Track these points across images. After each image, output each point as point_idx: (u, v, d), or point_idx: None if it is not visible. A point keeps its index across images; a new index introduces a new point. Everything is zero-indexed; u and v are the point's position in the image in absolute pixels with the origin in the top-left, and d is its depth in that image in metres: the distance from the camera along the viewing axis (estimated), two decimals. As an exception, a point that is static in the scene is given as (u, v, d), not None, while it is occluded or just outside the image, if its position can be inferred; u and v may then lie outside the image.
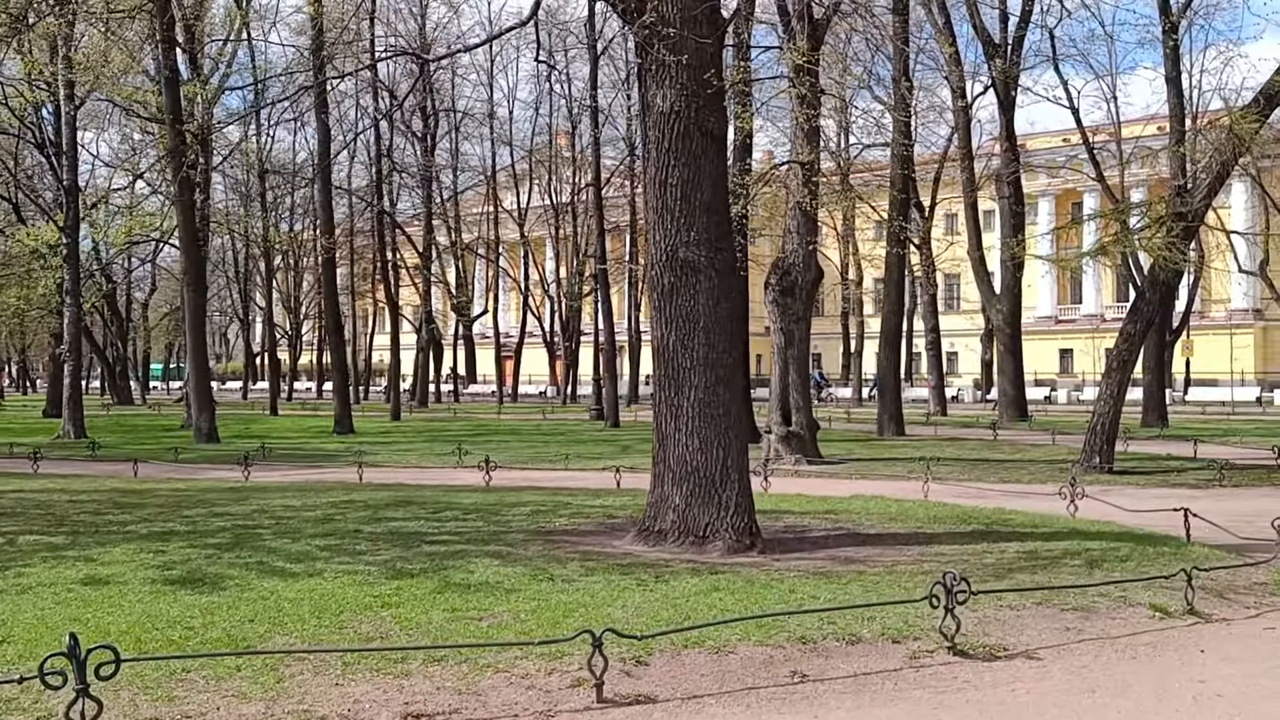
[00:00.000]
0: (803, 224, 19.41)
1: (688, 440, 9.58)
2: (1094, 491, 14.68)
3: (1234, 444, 22.98)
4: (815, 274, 19.86)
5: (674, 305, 9.65)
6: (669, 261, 9.64)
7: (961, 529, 10.60)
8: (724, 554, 9.19)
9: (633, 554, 9.11)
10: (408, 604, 6.98)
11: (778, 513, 11.82)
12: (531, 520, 11.31)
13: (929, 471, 16.39)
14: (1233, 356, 58.03)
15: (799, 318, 19.73)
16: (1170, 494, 14.59)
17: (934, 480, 15.85)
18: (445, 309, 65.29)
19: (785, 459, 19.39)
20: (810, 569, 8.41)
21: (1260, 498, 14.04)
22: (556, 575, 7.92)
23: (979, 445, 23.16)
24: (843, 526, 10.79)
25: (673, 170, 9.60)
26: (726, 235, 9.80)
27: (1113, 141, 48.19)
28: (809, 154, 19.07)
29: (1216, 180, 17.09)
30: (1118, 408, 17.60)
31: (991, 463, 19.08)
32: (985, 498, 13.70)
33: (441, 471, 18.69)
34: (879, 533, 10.40)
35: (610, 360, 33.71)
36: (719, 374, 9.62)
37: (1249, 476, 16.36)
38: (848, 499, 13.22)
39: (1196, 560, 8.67)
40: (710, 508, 9.48)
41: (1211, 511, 12.43)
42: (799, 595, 7.20)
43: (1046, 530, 10.51)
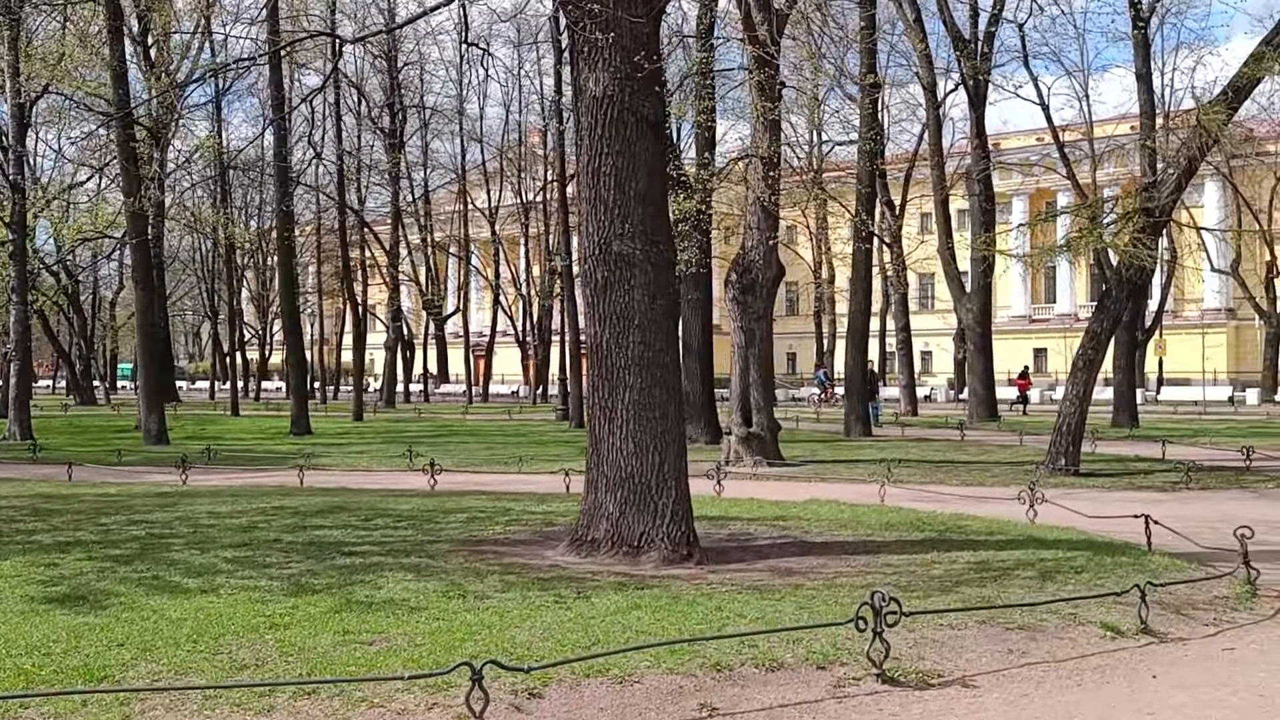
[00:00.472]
0: (763, 220, 18.89)
1: (622, 444, 9.04)
2: (1058, 495, 14.28)
3: (1203, 445, 22.62)
4: (776, 271, 19.35)
5: (607, 301, 9.10)
6: (602, 255, 9.09)
7: (913, 537, 10.09)
8: (658, 565, 8.66)
9: (561, 566, 8.56)
10: (298, 625, 6.40)
11: (725, 519, 11.31)
12: (465, 529, 10.75)
13: (889, 474, 15.94)
14: (1204, 356, 57.95)
15: (760, 316, 19.22)
16: (1136, 497, 14.16)
17: (894, 484, 15.39)
18: (419, 308, 64.57)
19: (745, 461, 18.88)
20: (745, 582, 7.88)
21: (1227, 501, 13.62)
22: (470, 591, 7.36)
23: (945, 446, 22.71)
24: (789, 534, 10.27)
25: (606, 158, 9.06)
26: (663, 228, 9.26)
27: (1085, 140, 48.10)
28: (769, 148, 18.55)
29: (1184, 175, 16.68)
30: (1084, 408, 17.17)
31: (955, 464, 18.63)
32: (944, 502, 13.22)
33: (390, 475, 18.09)
34: (826, 541, 9.89)
35: (575, 360, 33.08)
36: (655, 374, 9.08)
37: (1217, 479, 15.95)
38: (801, 504, 12.72)
39: (1155, 571, 8.21)
40: (645, 516, 8.94)
41: (1176, 517, 12.01)
42: (725, 613, 6.66)
43: (1002, 538, 10.02)
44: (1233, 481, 15.72)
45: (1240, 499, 13.91)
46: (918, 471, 17.30)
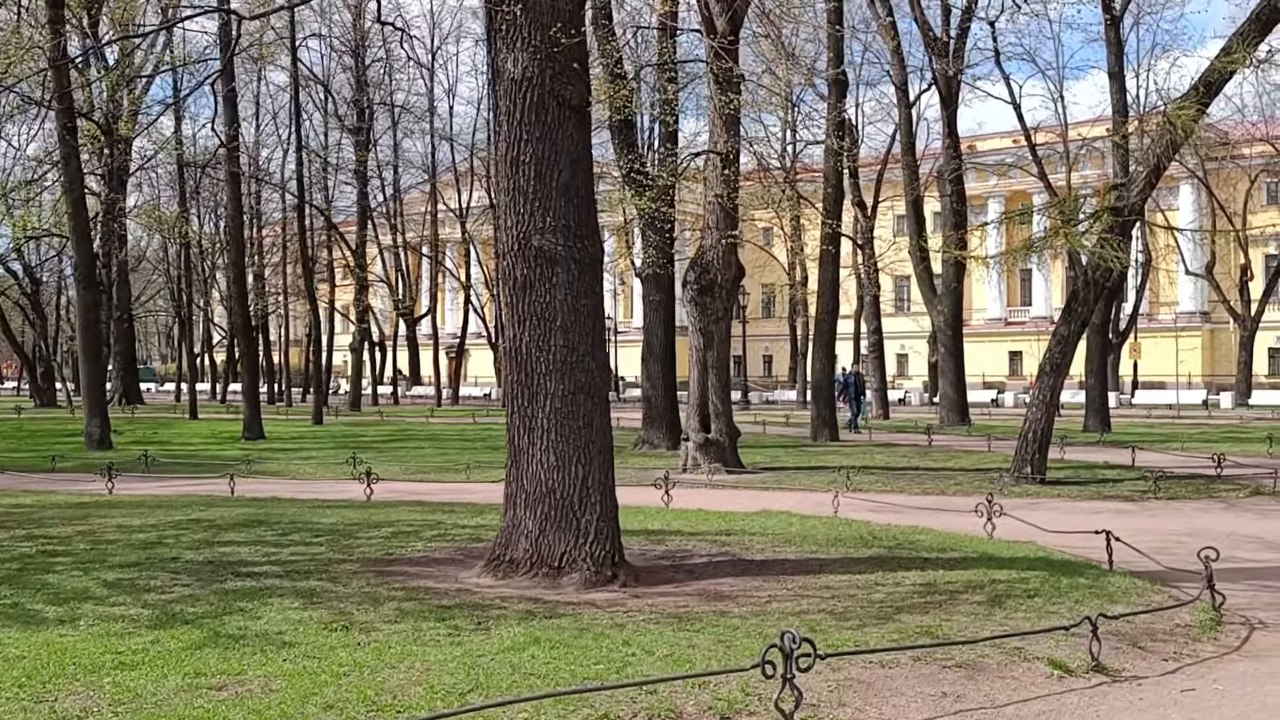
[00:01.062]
0: (721, 219, 18.22)
1: (543, 456, 8.35)
2: (1021, 505, 13.67)
3: (1175, 451, 22.08)
4: (735, 272, 18.68)
5: (527, 301, 8.41)
6: (521, 251, 8.39)
7: (860, 554, 9.43)
8: (580, 588, 7.97)
9: (470, 590, 7.86)
10: (148, 665, 5.67)
11: (665, 533, 10.63)
12: (384, 545, 10.03)
13: (848, 483, 15.33)
14: (1178, 359, 57.73)
15: (718, 318, 18.55)
16: (1102, 508, 13.56)
17: (854, 492, 14.77)
18: (392, 309, 63.60)
19: (704, 467, 18.21)
20: (668, 608, 7.20)
21: (1197, 513, 13.02)
22: (357, 622, 6.65)
23: (911, 452, 22.10)
24: (729, 551, 9.59)
25: (525, 146, 8.36)
26: (588, 222, 8.56)
27: (1060, 142, 47.70)
28: (727, 144, 17.89)
29: (1154, 174, 16.11)
30: (1050, 414, 16.58)
31: (919, 471, 18.00)
32: (901, 513, 12.58)
33: (330, 484, 17.31)
34: (767, 559, 9.22)
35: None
36: (579, 379, 8.39)
37: (1187, 488, 15.37)
38: (750, 515, 12.06)
39: (1114, 595, 7.59)
40: (567, 534, 8.25)
41: (1142, 530, 11.41)
42: (633, 649, 5.97)
43: (954, 555, 9.37)
44: (1203, 491, 15.14)
45: (1210, 510, 13.32)
46: (880, 479, 16.66)
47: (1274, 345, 62.84)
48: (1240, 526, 11.79)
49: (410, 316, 61.74)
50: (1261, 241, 58.20)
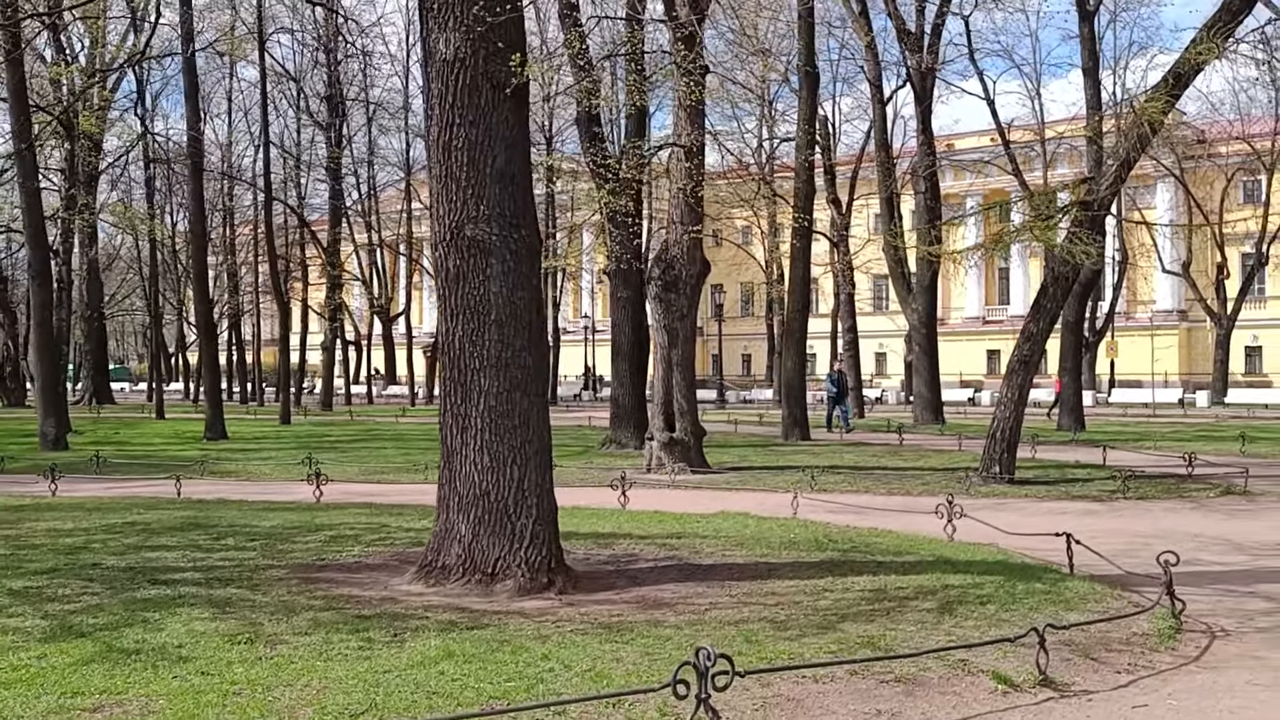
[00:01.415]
0: (686, 213, 17.85)
1: (476, 457, 7.95)
2: (987, 505, 13.37)
3: (1148, 450, 21.84)
4: (700, 267, 18.31)
5: (460, 294, 8.01)
6: (454, 241, 8.00)
7: (812, 558, 9.07)
8: (514, 595, 7.58)
9: (396, 599, 7.46)
10: (24, 684, 5.25)
11: (615, 537, 10.25)
12: (320, 550, 9.63)
13: (813, 483, 15.03)
14: (1154, 358, 57.70)
15: (683, 315, 18.17)
16: (1069, 509, 13.26)
17: (817, 492, 14.47)
18: (369, 307, 62.99)
19: (668, 467, 17.84)
20: (601, 617, 6.82)
21: (1165, 514, 12.73)
22: (265, 634, 6.24)
23: (882, 451, 21.79)
24: (678, 555, 9.22)
25: (457, 130, 7.97)
26: (525, 210, 8.16)
27: (1038, 140, 47.56)
28: (690, 136, 17.52)
29: (1124, 167, 15.83)
30: (1019, 412, 16.28)
31: (887, 471, 17.67)
32: (862, 515, 12.23)
33: (284, 484, 16.85)
34: (716, 563, 8.84)
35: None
36: (515, 376, 8.00)
37: (1157, 487, 15.09)
38: (707, 517, 11.69)
39: (1070, 602, 7.25)
40: (501, 539, 7.86)
41: (1108, 532, 11.11)
42: (552, 663, 5.59)
43: (910, 558, 9.03)
44: (1173, 490, 14.86)
45: (1179, 510, 13.03)
46: (846, 479, 16.32)
47: (1250, 344, 62.91)
48: (1208, 528, 11.49)
49: (386, 315, 61.17)
50: (1237, 240, 58.24)
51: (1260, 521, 11.96)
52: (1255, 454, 20.41)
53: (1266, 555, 9.75)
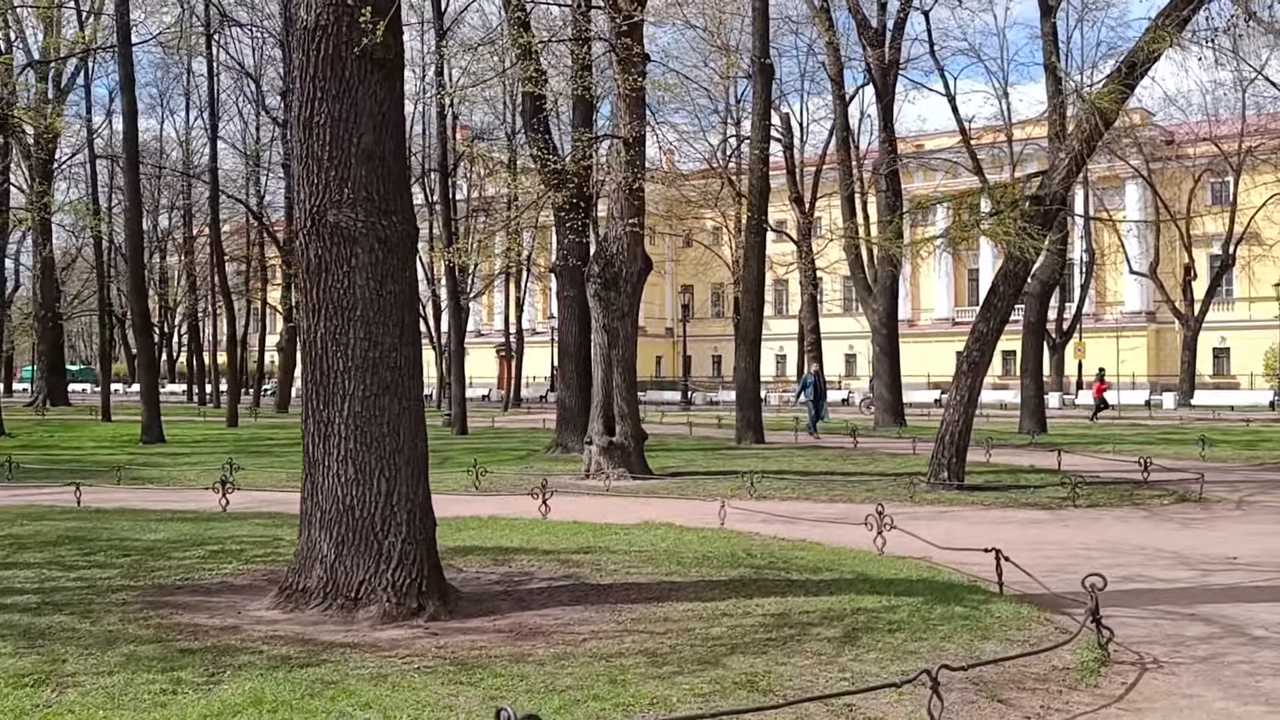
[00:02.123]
0: (626, 208, 17.11)
1: (340, 469, 7.17)
2: (931, 513, 12.73)
3: (1106, 454, 21.27)
4: (642, 265, 17.57)
5: (323, 287, 7.23)
6: (315, 228, 7.22)
7: (722, 575, 8.33)
8: (377, 622, 6.81)
9: (240, 627, 6.66)
10: None
11: (518, 552, 9.48)
12: (192, 567, 8.83)
13: (753, 489, 14.36)
14: (1119, 359, 57.48)
15: (624, 314, 17.43)
16: (1015, 517, 12.59)
17: (758, 499, 13.84)
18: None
19: (608, 473, 17.09)
20: (461, 650, 6.05)
21: (1115, 523, 12.07)
22: (60, 675, 5.44)
23: (834, 455, 21.11)
24: (578, 574, 8.45)
25: (320, 105, 7.19)
26: (397, 195, 7.39)
27: (1007, 140, 47.07)
28: (630, 126, 16.78)
29: (1076, 160, 15.20)
30: (968, 415, 15.62)
31: (834, 476, 16.98)
32: (794, 525, 11.51)
33: (199, 492, 15.94)
34: (615, 583, 8.09)
35: (459, 362, 31.11)
36: (384, 378, 7.22)
37: (1110, 495, 14.45)
38: (627, 529, 10.95)
39: (989, 628, 6.54)
40: (367, 559, 7.08)
41: (1051, 544, 10.45)
42: (373, 712, 4.83)
43: (828, 576, 8.30)
44: (1126, 497, 14.22)
45: (1129, 519, 12.38)
46: (790, 485, 15.61)
47: (1218, 345, 62.81)
48: (1158, 538, 10.84)
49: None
50: (1205, 241, 58.11)
51: (1212, 532, 11.33)
52: (1215, 458, 19.88)
53: (1214, 570, 9.08)
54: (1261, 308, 60.25)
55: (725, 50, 34.66)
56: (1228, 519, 12.31)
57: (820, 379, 30.67)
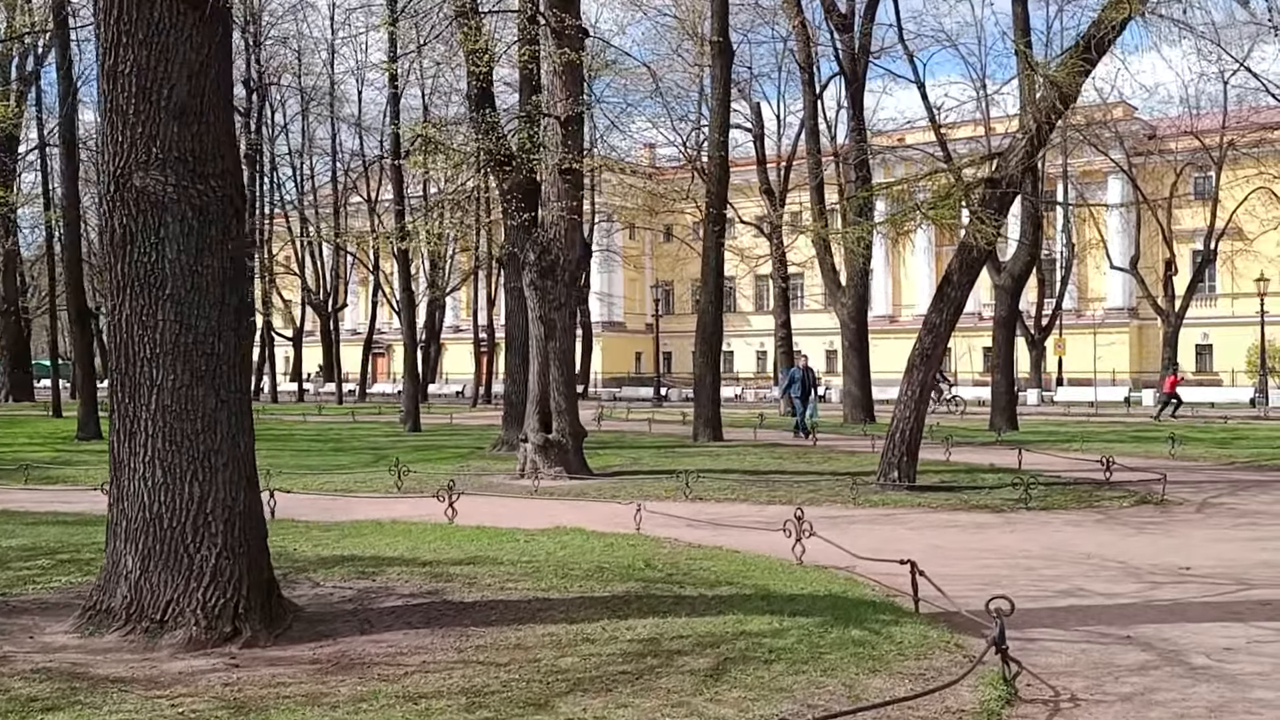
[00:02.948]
0: (564, 190, 16.15)
1: (147, 470, 6.23)
2: (874, 516, 11.89)
3: (1074, 452, 20.40)
4: (580, 251, 16.65)
5: (128, 262, 6.28)
6: (119, 193, 6.27)
7: (608, 590, 7.41)
8: (182, 649, 5.88)
9: (16, 658, 5.71)
10: None
11: (391, 563, 8.55)
12: (24, 579, 7.95)
13: (688, 491, 13.47)
14: (1095, 355, 56.68)
15: (560, 304, 16.48)
16: (960, 520, 11.69)
17: (693, 501, 13.01)
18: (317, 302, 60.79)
19: (544, 472, 16.15)
20: (253, 688, 5.12)
21: (1065, 528, 11.18)
22: None
23: (790, 453, 20.19)
24: (444, 590, 7.52)
25: (125, 52, 6.24)
26: (217, 158, 6.43)
27: (984, 135, 46.21)
28: (565, 103, 15.83)
29: (1035, 141, 14.32)
30: (920, 412, 14.72)
31: (782, 476, 16.06)
32: (719, 530, 10.59)
33: (100, 495, 14.98)
34: (482, 600, 7.16)
35: (412, 358, 30.12)
36: (198, 368, 6.27)
37: (1066, 496, 13.55)
38: (532, 535, 10.02)
39: (885, 658, 5.64)
40: (176, 575, 6.14)
41: (990, 551, 9.55)
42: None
43: (725, 591, 7.39)
44: (1084, 499, 13.34)
45: (1082, 523, 11.48)
46: (732, 485, 14.66)
47: (1201, 342, 62.14)
48: (1108, 545, 9.95)
49: (325, 310, 58.95)
50: (1187, 237, 57.41)
51: (1168, 538, 10.44)
52: (1186, 456, 19.04)
53: (1162, 583, 8.19)
54: (1244, 304, 59.57)
55: (697, 39, 33.81)
56: (1186, 523, 11.43)
57: (809, 373, 26.84)
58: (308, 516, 11.87)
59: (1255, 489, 14.54)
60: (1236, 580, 8.26)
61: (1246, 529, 10.96)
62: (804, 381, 26.06)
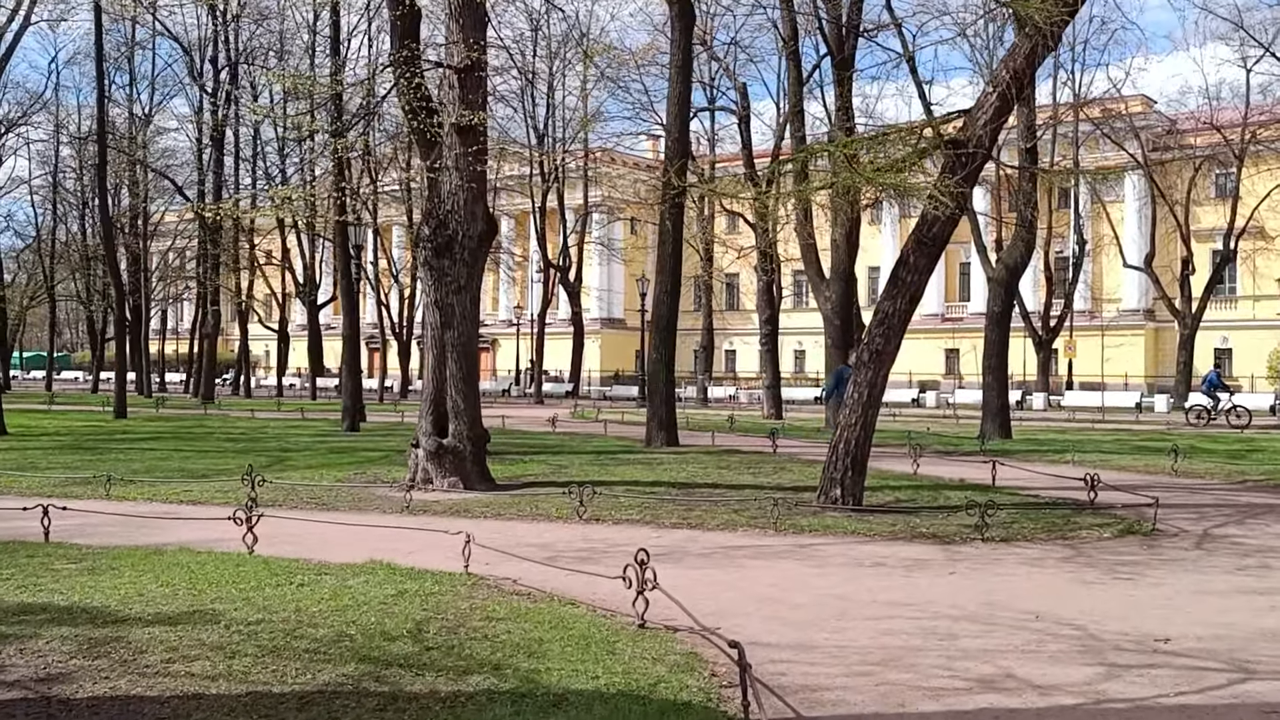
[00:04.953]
0: (461, 157, 13.88)
1: None
2: (789, 547, 9.70)
3: (1067, 463, 17.99)
4: (484, 227, 14.34)
5: None
6: None
7: (305, 680, 5.12)
8: None
9: None
10: None
11: (53, 620, 6.30)
12: None
13: (582, 510, 11.21)
14: (1104, 358, 54.05)
15: (460, 286, 14.20)
16: (892, 556, 9.35)
17: (587, 522, 10.78)
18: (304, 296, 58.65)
19: (437, 483, 13.91)
20: None
21: (1019, 568, 8.82)
22: None
23: (742, 462, 17.83)
24: (66, 676, 5.25)
25: None
26: None
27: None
28: (465, 53, 13.55)
29: (1004, 97, 11.95)
30: (868, 419, 12.36)
31: (716, 490, 13.71)
32: (570, 572, 8.27)
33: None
34: (103, 695, 4.89)
35: (354, 352, 27.87)
36: None
37: (1036, 523, 11.17)
38: (311, 575, 7.79)
39: None
40: None
41: (902, 608, 7.24)
42: None
43: (474, 684, 5.10)
44: (1056, 527, 10.96)
45: (1041, 562, 9.10)
46: (643, 503, 12.30)
47: (1220, 345, 59.30)
48: (1067, 597, 7.61)
49: (312, 303, 56.75)
50: (1206, 236, 54.71)
51: (1149, 588, 8.07)
52: (1190, 473, 16.62)
53: (1128, 666, 5.86)
54: (1266, 306, 56.87)
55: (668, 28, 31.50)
56: (1177, 564, 9.04)
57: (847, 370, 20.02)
58: (108, 537, 9.71)
59: (1269, 516, 12.13)
60: (1231, 663, 5.93)
61: (1253, 575, 8.59)
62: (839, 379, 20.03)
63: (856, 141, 12.68)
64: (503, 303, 74.71)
